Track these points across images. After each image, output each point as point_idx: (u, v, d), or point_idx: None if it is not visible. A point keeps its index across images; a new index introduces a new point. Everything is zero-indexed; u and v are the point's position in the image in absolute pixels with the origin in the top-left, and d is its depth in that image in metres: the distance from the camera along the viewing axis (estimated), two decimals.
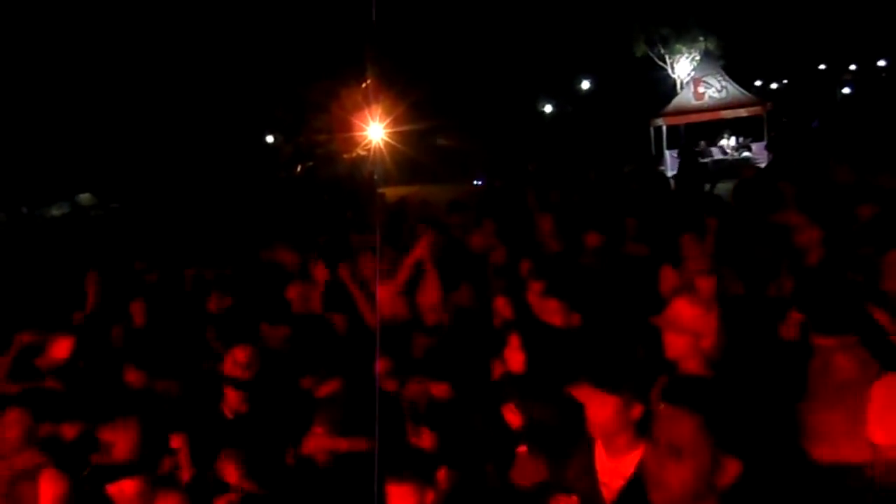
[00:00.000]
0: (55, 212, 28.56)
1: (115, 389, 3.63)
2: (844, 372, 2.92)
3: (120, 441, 2.25)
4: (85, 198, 29.62)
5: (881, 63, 42.95)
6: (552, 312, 3.69)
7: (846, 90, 39.90)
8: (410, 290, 4.85)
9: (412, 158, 27.64)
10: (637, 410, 2.41)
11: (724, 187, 8.57)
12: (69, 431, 3.12)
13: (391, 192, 17.61)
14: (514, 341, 3.48)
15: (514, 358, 3.45)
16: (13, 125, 26.86)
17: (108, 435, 2.31)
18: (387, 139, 28.16)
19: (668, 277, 4.37)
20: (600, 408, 2.40)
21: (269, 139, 35.26)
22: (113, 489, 2.28)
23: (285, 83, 31.10)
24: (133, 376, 3.97)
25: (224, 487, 3.00)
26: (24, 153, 27.19)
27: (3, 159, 26.11)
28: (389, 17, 26.74)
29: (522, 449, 3.26)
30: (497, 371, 3.57)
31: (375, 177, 25.35)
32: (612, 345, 4.16)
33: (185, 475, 3.17)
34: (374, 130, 28.45)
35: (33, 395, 3.34)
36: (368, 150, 29.05)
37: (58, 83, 28.39)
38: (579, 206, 7.67)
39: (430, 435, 3.26)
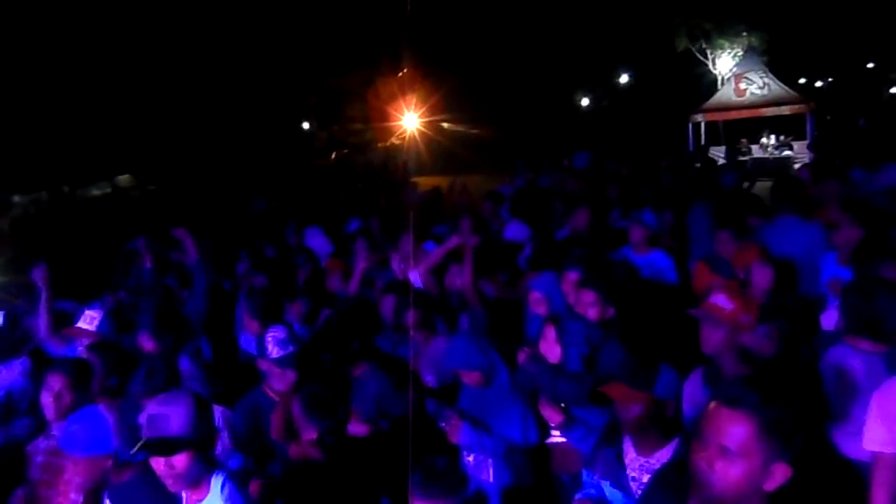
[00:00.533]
0: (95, 192, 29.21)
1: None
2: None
3: (173, 415, 2.27)
4: (124, 179, 30.23)
5: None
6: (587, 305, 3.65)
7: (894, 90, 38.72)
8: (440, 273, 4.85)
9: (447, 148, 27.63)
10: (669, 408, 2.46)
11: (763, 186, 8.40)
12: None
13: (424, 182, 17.63)
14: (550, 334, 3.46)
15: (551, 351, 3.43)
16: (56, 107, 27.53)
17: (160, 408, 2.33)
18: (421, 129, 28.21)
19: (702, 272, 4.30)
20: (633, 405, 2.44)
21: (305, 126, 35.57)
22: (160, 464, 2.29)
23: (322, 71, 31.32)
24: (148, 343, 4.09)
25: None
26: (67, 135, 27.83)
27: (46, 140, 26.80)
28: (427, 8, 26.73)
29: (558, 441, 3.26)
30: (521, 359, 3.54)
31: (409, 166, 25.38)
32: (647, 339, 4.13)
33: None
34: (409, 120, 28.55)
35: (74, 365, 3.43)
36: (403, 139, 29.14)
37: (101, 68, 28.96)
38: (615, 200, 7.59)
39: (458, 422, 3.26)
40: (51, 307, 4.53)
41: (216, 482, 2.36)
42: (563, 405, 3.14)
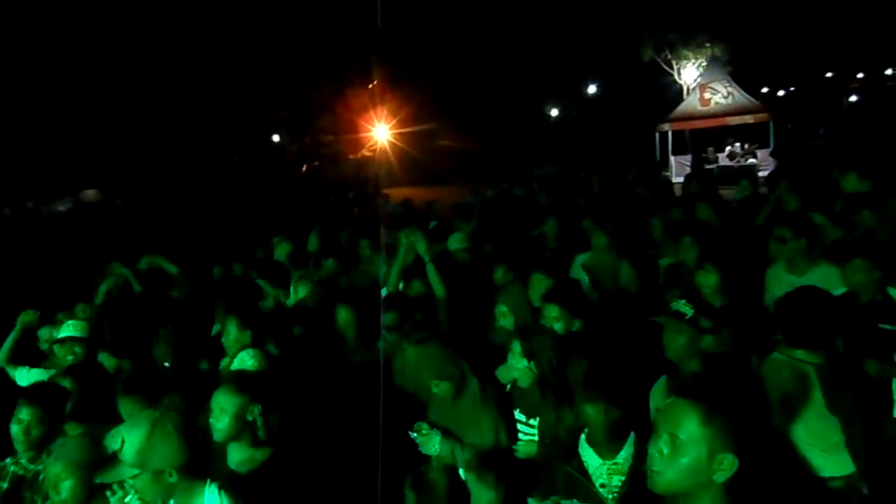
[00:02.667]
0: (60, 207, 28.66)
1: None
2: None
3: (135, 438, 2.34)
4: (90, 194, 29.71)
5: (888, 72, 42.93)
6: (552, 319, 3.69)
7: (853, 98, 39.83)
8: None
9: (418, 160, 27.69)
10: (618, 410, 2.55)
11: (727, 194, 8.59)
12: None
13: (396, 193, 17.66)
14: (517, 348, 3.50)
15: (517, 365, 3.47)
16: (19, 121, 27.00)
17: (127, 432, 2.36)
18: (392, 140, 28.23)
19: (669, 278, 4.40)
20: (611, 409, 2.54)
21: (276, 139, 35.37)
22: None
23: (292, 83, 31.20)
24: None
25: None
26: (30, 149, 27.32)
27: (9, 155, 26.26)
28: (396, 20, 26.84)
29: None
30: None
31: (380, 178, 25.36)
32: (612, 348, 4.20)
33: None
34: (380, 131, 28.56)
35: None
36: (374, 150, 29.13)
37: (65, 80, 28.51)
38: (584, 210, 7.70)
39: (429, 433, 3.28)
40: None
41: (210, 491, 2.40)
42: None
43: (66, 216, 25.81)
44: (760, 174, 15.78)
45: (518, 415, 3.40)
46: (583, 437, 2.65)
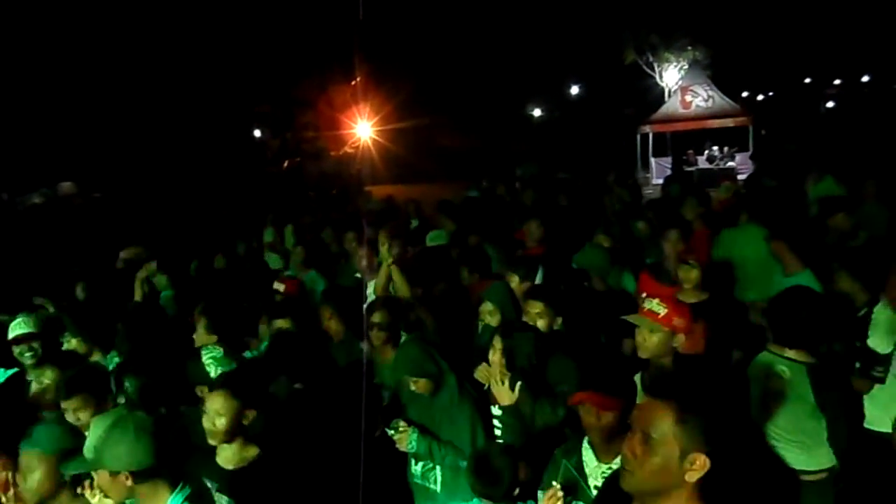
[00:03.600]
0: (36, 199, 28.18)
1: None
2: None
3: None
4: (66, 186, 29.25)
5: (865, 79, 43.70)
6: (535, 315, 3.71)
7: (830, 104, 40.48)
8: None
9: (400, 157, 27.63)
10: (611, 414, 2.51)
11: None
12: None
13: (378, 191, 17.62)
14: (499, 344, 3.51)
15: (497, 361, 3.48)
16: None
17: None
18: (375, 137, 28.14)
19: (644, 279, 4.43)
20: (606, 413, 2.50)
21: (257, 134, 35.14)
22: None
23: (274, 78, 31.01)
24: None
25: None
26: (6, 141, 26.84)
27: None
28: (380, 17, 26.77)
29: None
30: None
31: (362, 175, 25.30)
32: (596, 346, 4.24)
33: None
34: (363, 128, 28.46)
35: None
36: (356, 147, 29.03)
37: (43, 73, 28.08)
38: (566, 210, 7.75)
39: (407, 430, 3.29)
40: None
41: (174, 501, 2.32)
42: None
43: (41, 208, 25.39)
44: (739, 177, 15.98)
45: (496, 411, 3.41)
46: (586, 436, 2.66)
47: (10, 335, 4.19)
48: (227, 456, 2.82)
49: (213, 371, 3.58)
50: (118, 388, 3.41)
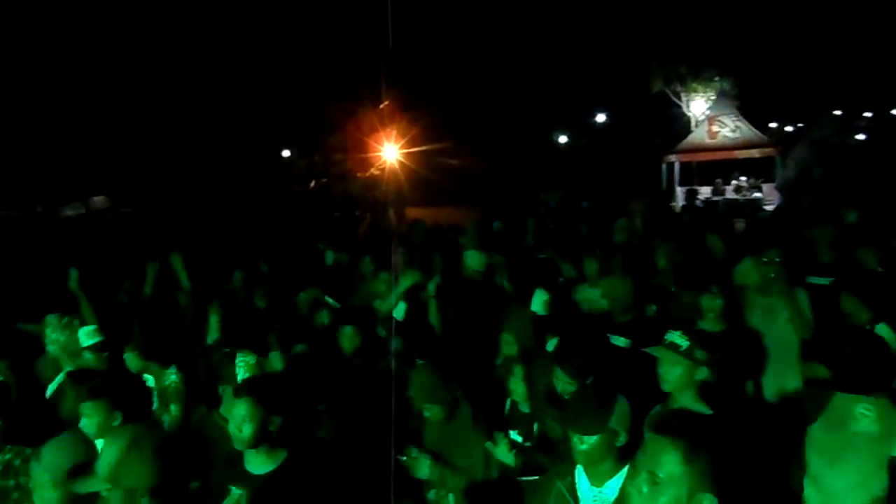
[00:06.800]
0: (69, 212, 28.82)
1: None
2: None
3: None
4: (99, 200, 29.90)
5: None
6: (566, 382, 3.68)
7: (860, 136, 39.92)
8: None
9: (426, 180, 27.81)
10: (620, 438, 2.49)
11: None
12: None
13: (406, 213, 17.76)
14: (519, 372, 3.54)
15: (517, 389, 3.52)
16: (33, 126, 27.29)
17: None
18: (402, 160, 28.38)
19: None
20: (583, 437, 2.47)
21: (285, 153, 35.63)
22: None
23: (304, 100, 31.50)
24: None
25: None
26: (42, 154, 27.56)
27: (20, 159, 26.51)
28: (408, 42, 27.15)
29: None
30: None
31: (389, 197, 25.49)
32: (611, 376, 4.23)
33: None
34: (389, 151, 28.70)
35: None
36: (382, 169, 29.27)
37: (81, 88, 28.84)
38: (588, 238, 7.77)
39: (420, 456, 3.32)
40: None
41: None
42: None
43: (76, 221, 25.94)
44: (766, 208, 15.84)
45: (515, 436, 3.43)
46: None
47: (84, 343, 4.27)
48: (255, 462, 2.86)
49: (242, 376, 3.67)
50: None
